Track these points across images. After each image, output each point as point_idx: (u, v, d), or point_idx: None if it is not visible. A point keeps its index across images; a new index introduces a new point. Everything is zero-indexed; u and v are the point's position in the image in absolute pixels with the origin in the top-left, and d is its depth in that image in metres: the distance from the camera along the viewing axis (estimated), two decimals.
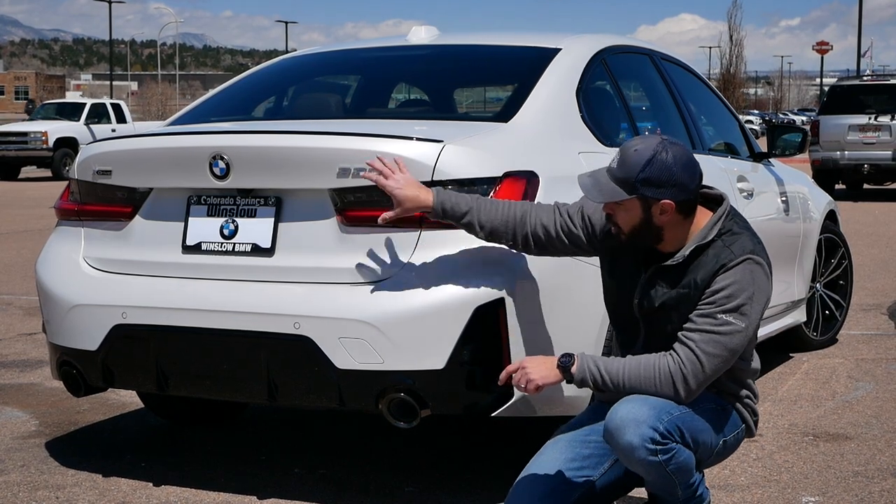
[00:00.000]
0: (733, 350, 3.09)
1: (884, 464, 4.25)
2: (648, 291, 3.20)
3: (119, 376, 3.97)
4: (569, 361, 3.12)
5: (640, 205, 3.11)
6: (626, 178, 3.09)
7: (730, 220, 3.19)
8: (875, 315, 7.60)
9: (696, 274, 3.13)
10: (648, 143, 3.12)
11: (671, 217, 3.12)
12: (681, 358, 3.07)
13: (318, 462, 4.31)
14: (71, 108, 29.26)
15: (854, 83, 20.66)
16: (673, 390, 3.08)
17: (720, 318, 3.07)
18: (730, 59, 68.19)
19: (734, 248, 3.12)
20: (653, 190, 3.08)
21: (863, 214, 15.59)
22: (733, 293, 3.07)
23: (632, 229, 3.17)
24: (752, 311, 3.09)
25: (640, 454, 3.01)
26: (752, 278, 3.09)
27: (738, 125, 5.98)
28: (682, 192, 3.10)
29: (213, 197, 3.83)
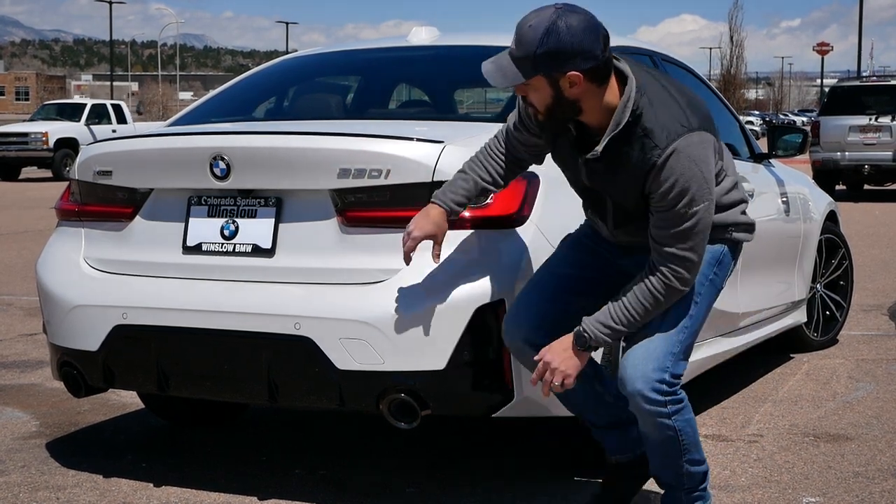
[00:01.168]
0: (708, 224, 3.09)
1: (884, 464, 4.25)
2: (591, 178, 3.19)
3: (120, 377, 3.97)
4: (586, 342, 3.14)
5: (546, 82, 3.00)
6: (526, 57, 2.96)
7: (642, 97, 3.03)
8: (875, 315, 7.60)
9: (627, 167, 3.06)
10: (542, 15, 2.97)
11: (583, 87, 2.99)
12: (670, 268, 3.07)
13: (318, 463, 4.31)
14: (71, 109, 29.28)
15: (855, 84, 20.67)
16: (679, 293, 3.12)
17: (686, 213, 3.03)
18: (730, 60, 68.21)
19: (656, 138, 3.00)
20: (555, 64, 2.95)
21: (863, 215, 15.59)
22: (682, 188, 3.01)
23: (547, 108, 3.07)
24: (709, 185, 3.05)
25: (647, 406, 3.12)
26: (691, 161, 3.00)
27: (739, 126, 5.98)
28: (586, 60, 2.95)
29: (214, 197, 3.83)
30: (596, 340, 3.14)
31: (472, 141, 3.74)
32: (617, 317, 3.13)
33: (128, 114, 29.52)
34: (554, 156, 3.35)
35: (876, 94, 19.47)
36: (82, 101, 30.21)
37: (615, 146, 3.06)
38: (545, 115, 3.10)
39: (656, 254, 3.10)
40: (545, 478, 4.06)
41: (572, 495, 3.89)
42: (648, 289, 3.10)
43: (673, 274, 3.08)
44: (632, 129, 3.04)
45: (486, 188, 3.43)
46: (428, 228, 3.34)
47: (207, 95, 4.99)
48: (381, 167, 3.53)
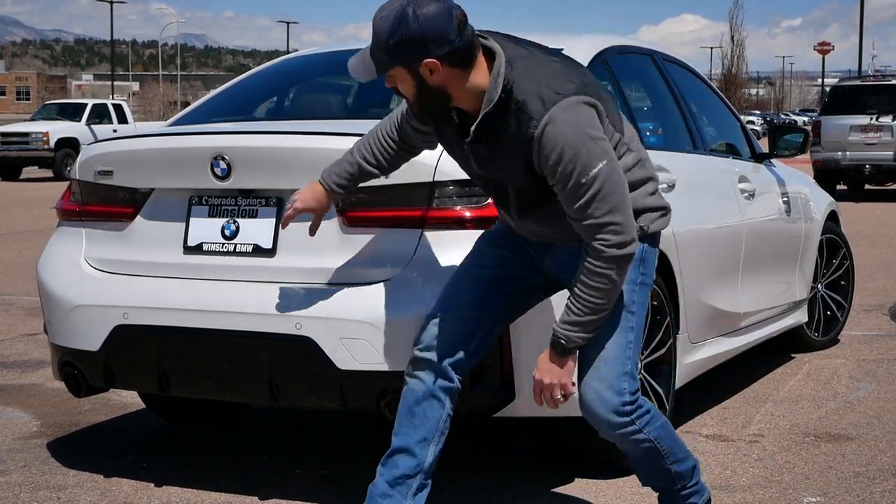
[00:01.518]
0: (618, 181, 2.94)
1: (885, 464, 4.25)
2: (478, 161, 3.10)
3: (120, 377, 3.97)
4: (564, 347, 3.07)
5: (406, 72, 2.93)
6: (380, 49, 2.91)
7: (512, 71, 2.94)
8: (876, 315, 7.59)
9: (508, 146, 2.97)
10: (392, 5, 2.90)
11: (445, 73, 2.92)
12: (599, 239, 2.94)
13: (319, 462, 4.31)
14: (72, 109, 29.28)
15: (856, 84, 20.67)
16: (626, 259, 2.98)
17: (584, 181, 2.89)
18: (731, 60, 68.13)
19: (530, 110, 2.90)
20: (409, 53, 2.89)
21: (864, 215, 15.58)
22: (570, 157, 2.88)
23: (416, 98, 3.01)
24: (600, 144, 2.91)
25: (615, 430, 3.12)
26: (570, 127, 2.88)
27: (740, 125, 5.98)
28: (440, 46, 2.88)
29: (215, 197, 3.83)
30: (570, 341, 3.06)
31: None
32: (578, 309, 3.02)
33: (129, 114, 29.52)
34: (444, 147, 3.27)
35: (877, 93, 19.47)
36: (83, 101, 30.20)
37: (491, 125, 2.97)
38: (417, 104, 3.04)
39: (581, 231, 2.98)
40: (545, 478, 4.06)
41: (572, 495, 3.89)
42: (591, 269, 2.98)
43: (604, 244, 2.94)
44: (505, 105, 2.93)
45: (370, 172, 3.39)
46: (309, 203, 3.37)
47: (208, 95, 4.99)
48: None
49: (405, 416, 3.29)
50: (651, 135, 5.05)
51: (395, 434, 3.30)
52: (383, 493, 3.26)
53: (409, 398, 3.28)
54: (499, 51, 2.98)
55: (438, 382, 3.27)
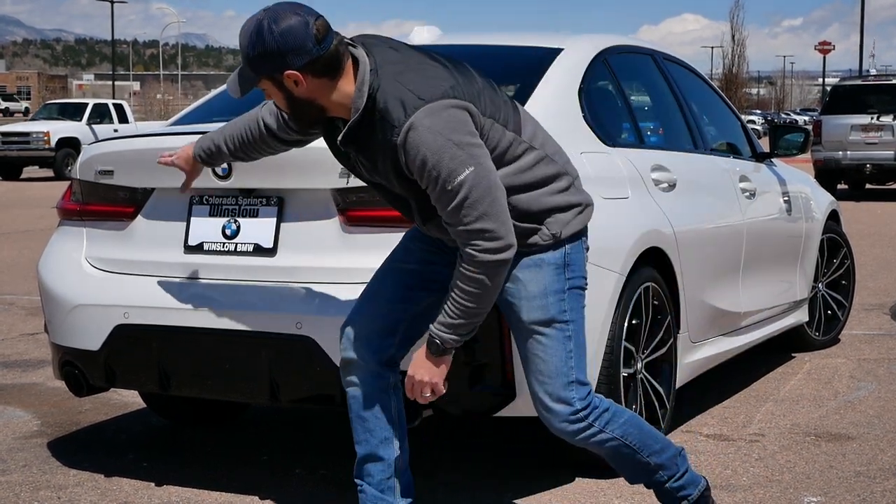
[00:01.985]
0: (487, 188, 2.87)
1: (886, 464, 4.25)
2: (365, 168, 3.07)
3: (121, 376, 3.97)
4: (439, 346, 3.02)
5: (272, 85, 2.94)
6: (245, 62, 2.93)
7: (377, 78, 2.92)
8: (877, 315, 7.59)
9: (378, 155, 2.95)
10: (253, 18, 2.91)
11: (310, 84, 2.91)
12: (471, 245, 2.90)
13: (319, 462, 4.31)
14: (73, 109, 29.29)
15: (856, 83, 20.68)
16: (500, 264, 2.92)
17: (450, 188, 2.85)
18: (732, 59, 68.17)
19: (392, 117, 2.87)
20: (269, 66, 2.89)
21: (865, 214, 15.58)
22: (434, 163, 2.84)
23: (288, 108, 3.01)
24: (467, 148, 2.86)
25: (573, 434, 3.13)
26: (433, 133, 2.84)
27: (741, 125, 5.98)
28: (299, 57, 2.86)
29: (216, 197, 3.84)
30: (445, 342, 3.02)
31: None
32: (452, 312, 2.99)
33: (129, 113, 29.52)
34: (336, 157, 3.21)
35: (878, 93, 19.46)
36: (84, 101, 30.20)
37: (359, 134, 2.96)
38: (291, 115, 3.07)
39: (455, 236, 2.94)
40: (545, 478, 4.05)
41: (572, 495, 3.89)
42: (465, 273, 2.93)
43: (475, 249, 2.89)
44: (371, 113, 2.92)
45: (225, 155, 3.47)
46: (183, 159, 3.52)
47: (209, 95, 4.99)
48: None
49: (357, 422, 3.28)
50: (652, 134, 5.05)
51: (357, 443, 3.30)
52: (375, 498, 3.26)
53: (354, 405, 3.28)
54: (363, 58, 2.96)
55: (374, 382, 3.25)
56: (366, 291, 3.32)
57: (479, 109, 2.95)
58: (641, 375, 4.13)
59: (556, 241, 3.11)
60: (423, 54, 3.04)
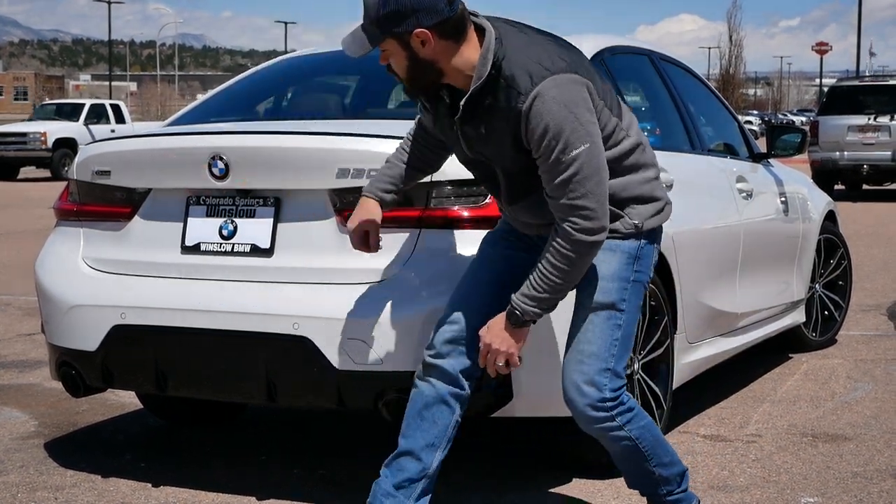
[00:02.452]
0: (596, 168, 2.94)
1: (883, 464, 4.25)
2: (467, 141, 3.12)
3: (118, 377, 3.97)
4: (519, 317, 3.06)
5: (398, 44, 2.97)
6: (372, 22, 2.95)
7: (502, 48, 2.97)
8: (874, 315, 7.60)
9: (496, 122, 2.99)
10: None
11: (436, 45, 2.95)
12: (570, 222, 2.95)
13: (317, 462, 4.31)
14: (70, 109, 29.27)
15: (853, 84, 20.69)
16: (594, 245, 2.98)
17: (563, 160, 2.91)
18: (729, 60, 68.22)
19: (518, 85, 2.93)
20: (399, 24, 2.92)
21: (862, 215, 15.59)
22: (554, 134, 2.90)
23: (407, 73, 3.03)
24: (586, 125, 2.92)
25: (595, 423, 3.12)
26: (558, 104, 2.90)
27: (738, 126, 5.98)
28: (430, 15, 2.91)
29: (212, 197, 3.83)
30: (525, 314, 3.05)
31: None
32: (537, 285, 3.02)
33: (126, 114, 29.50)
34: (439, 130, 3.25)
35: (875, 93, 19.49)
36: (81, 101, 30.18)
37: (480, 101, 2.99)
38: (409, 81, 3.06)
39: (554, 210, 2.99)
40: (543, 478, 4.05)
41: (571, 495, 3.89)
42: (557, 248, 2.98)
43: (572, 227, 2.94)
44: (495, 81, 2.96)
45: (412, 173, 3.41)
46: (362, 217, 3.35)
47: (206, 95, 4.99)
48: (379, 167, 3.52)
49: (414, 418, 3.27)
50: (649, 135, 5.04)
51: (403, 436, 3.29)
52: (387, 493, 3.25)
53: (419, 401, 3.27)
54: (489, 27, 3.01)
55: (449, 389, 3.26)
56: (452, 303, 3.31)
57: (595, 89, 3.01)
58: (638, 376, 4.13)
59: (636, 231, 3.17)
60: (540, 32, 3.10)
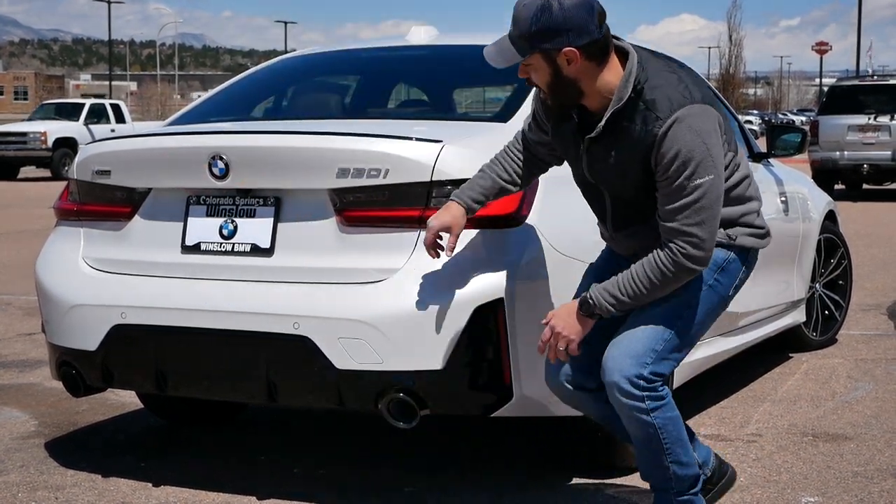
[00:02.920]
0: (716, 200, 3.04)
1: (883, 464, 4.25)
2: (591, 163, 3.18)
3: (118, 376, 3.96)
4: (591, 306, 3.12)
5: (544, 59, 3.05)
6: (521, 35, 3.03)
7: (643, 72, 3.07)
8: (874, 315, 7.60)
9: (629, 144, 3.06)
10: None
11: (581, 65, 3.03)
12: (678, 245, 3.03)
13: (317, 462, 4.31)
14: (70, 108, 29.26)
15: (853, 83, 20.68)
16: (690, 271, 3.07)
17: (688, 186, 2.99)
18: (729, 60, 68.29)
19: (658, 109, 3.01)
20: (549, 40, 3.00)
21: (862, 215, 15.59)
22: (685, 159, 2.98)
23: (549, 88, 3.11)
24: (714, 158, 3.01)
25: (624, 399, 3.09)
26: (694, 132, 2.99)
27: (738, 125, 5.98)
28: (580, 36, 3.00)
29: (213, 197, 3.83)
30: (600, 308, 3.11)
31: (471, 141, 3.74)
32: (624, 287, 3.10)
33: (126, 114, 29.50)
34: (559, 147, 3.33)
35: (875, 93, 19.48)
36: (81, 101, 30.18)
37: (617, 122, 3.07)
38: (550, 96, 3.13)
39: (664, 231, 3.07)
40: (544, 477, 4.06)
41: (572, 494, 3.89)
42: (656, 262, 3.06)
43: (679, 250, 3.03)
44: (634, 104, 3.04)
45: (504, 187, 3.44)
46: (445, 220, 3.36)
47: (206, 95, 4.99)
48: (379, 167, 3.53)
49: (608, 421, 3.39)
50: None
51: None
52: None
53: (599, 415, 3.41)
54: (632, 51, 3.10)
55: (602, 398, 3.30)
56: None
57: (721, 123, 3.10)
58: None
59: (728, 243, 3.23)
60: (675, 60, 3.22)
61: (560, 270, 3.63)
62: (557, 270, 3.62)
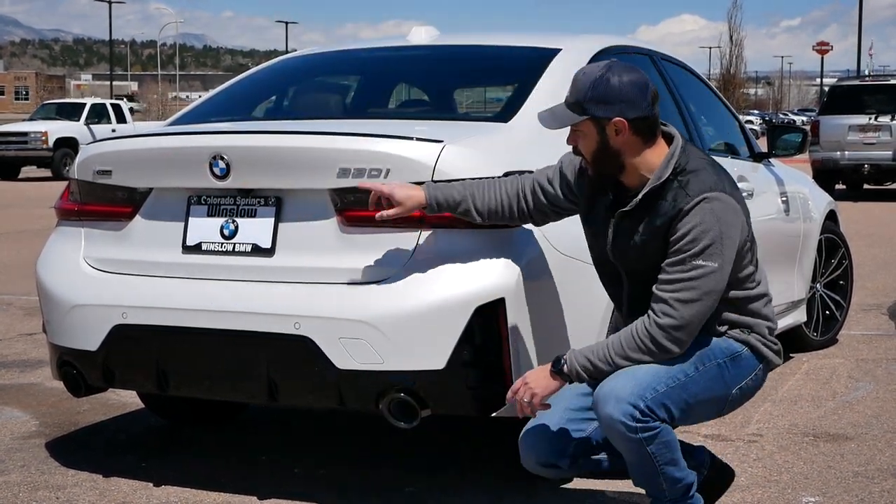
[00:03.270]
0: (709, 292, 3.07)
1: (884, 464, 4.25)
2: (616, 238, 3.23)
3: (119, 376, 3.96)
4: (561, 364, 3.14)
5: (594, 126, 3.14)
6: (577, 101, 3.13)
7: (685, 156, 3.17)
8: (875, 315, 7.60)
9: (656, 219, 3.13)
10: (596, 64, 3.17)
11: (627, 138, 3.13)
12: (657, 314, 3.07)
13: (318, 462, 4.31)
14: (71, 108, 29.28)
15: (854, 83, 20.68)
16: (660, 347, 3.07)
17: (689, 263, 3.05)
18: (730, 60, 68.27)
19: (690, 189, 3.10)
20: (602, 108, 3.10)
21: (863, 215, 15.59)
22: (697, 236, 3.05)
23: (593, 155, 3.18)
24: (724, 249, 3.06)
25: (619, 428, 3.04)
26: (715, 216, 3.06)
27: (739, 125, 5.98)
28: (632, 109, 3.10)
29: (214, 197, 3.83)
30: (570, 367, 3.11)
31: (472, 141, 3.74)
32: (598, 351, 3.12)
33: (127, 113, 29.51)
34: (587, 222, 3.37)
35: (875, 93, 19.48)
36: (82, 101, 30.19)
37: (652, 199, 3.14)
38: (592, 163, 3.21)
39: (653, 299, 3.09)
40: (543, 478, 4.05)
41: (572, 495, 3.89)
42: (633, 328, 3.10)
43: (656, 319, 3.05)
44: (670, 183, 3.13)
45: (468, 210, 3.44)
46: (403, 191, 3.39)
47: (207, 95, 4.99)
48: (380, 167, 3.53)
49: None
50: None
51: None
52: None
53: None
54: (677, 135, 3.21)
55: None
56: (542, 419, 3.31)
57: (748, 230, 3.18)
58: None
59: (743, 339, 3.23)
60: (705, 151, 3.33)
61: (561, 270, 3.63)
62: (558, 270, 3.62)
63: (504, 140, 3.85)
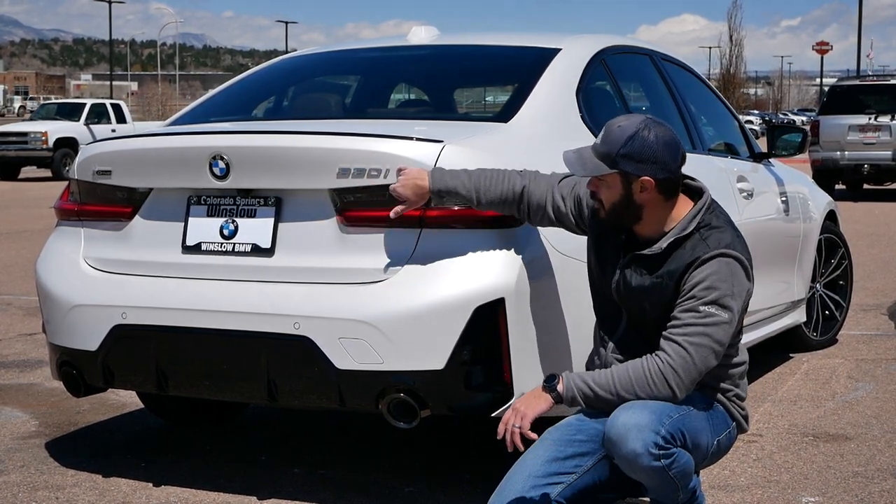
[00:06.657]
0: (720, 342, 3.08)
1: (884, 464, 4.25)
2: (625, 275, 3.22)
3: (119, 376, 3.97)
4: (554, 382, 3.11)
5: (620, 180, 3.13)
6: (608, 153, 3.11)
7: (710, 214, 3.19)
8: (875, 315, 7.60)
9: (672, 265, 3.14)
10: (633, 120, 3.15)
11: (651, 196, 3.14)
12: (669, 355, 3.06)
13: (318, 462, 4.31)
14: (71, 109, 29.26)
15: (854, 83, 20.67)
16: (668, 388, 3.07)
17: (703, 310, 3.06)
18: (730, 60, 68.31)
19: (710, 242, 3.13)
20: (633, 165, 3.10)
21: (863, 215, 15.59)
22: (712, 284, 3.07)
23: (612, 206, 3.18)
24: (734, 304, 3.09)
25: (644, 461, 2.99)
26: (731, 271, 3.10)
27: (738, 125, 5.98)
28: (662, 170, 3.11)
29: (213, 197, 3.83)
30: (566, 387, 3.08)
31: (472, 141, 3.74)
32: (598, 380, 3.09)
33: (127, 113, 29.50)
34: (593, 254, 3.37)
35: (875, 93, 19.47)
36: (82, 101, 30.18)
37: (672, 248, 3.15)
38: (609, 212, 3.20)
39: (663, 343, 3.09)
40: None
41: None
42: (642, 364, 3.07)
43: (669, 360, 3.05)
44: (691, 235, 3.15)
45: (470, 199, 3.46)
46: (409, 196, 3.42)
47: (207, 95, 4.99)
48: (380, 167, 3.53)
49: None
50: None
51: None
52: None
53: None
54: (707, 192, 3.24)
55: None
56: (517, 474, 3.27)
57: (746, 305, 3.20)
58: None
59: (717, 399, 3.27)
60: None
61: (561, 270, 3.63)
62: (558, 270, 3.62)
63: (504, 140, 3.85)
